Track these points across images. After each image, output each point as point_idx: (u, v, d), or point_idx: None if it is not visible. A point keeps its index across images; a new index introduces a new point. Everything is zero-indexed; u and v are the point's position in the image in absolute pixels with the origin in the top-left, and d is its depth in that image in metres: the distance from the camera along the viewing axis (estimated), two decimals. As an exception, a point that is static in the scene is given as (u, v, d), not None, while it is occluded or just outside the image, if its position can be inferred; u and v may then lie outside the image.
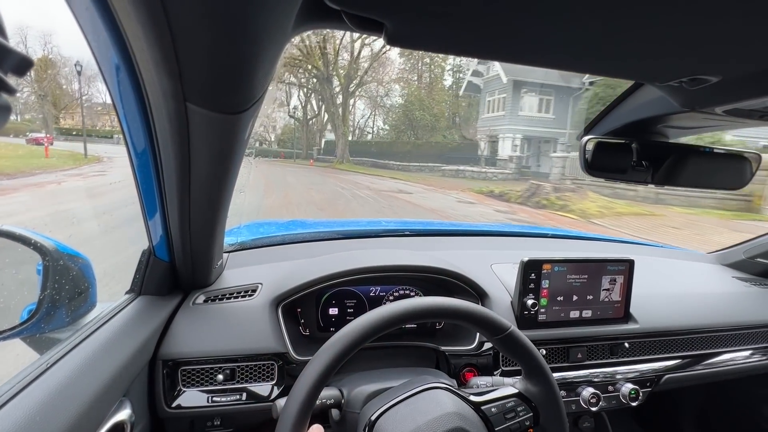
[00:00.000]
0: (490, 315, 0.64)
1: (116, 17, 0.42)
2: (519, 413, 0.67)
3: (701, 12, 0.38)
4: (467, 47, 0.50)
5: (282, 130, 38.66)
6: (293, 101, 32.90)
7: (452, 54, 0.52)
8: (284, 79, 26.74)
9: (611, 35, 0.44)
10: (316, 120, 32.77)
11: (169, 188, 0.65)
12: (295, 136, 35.80)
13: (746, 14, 0.39)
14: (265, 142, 37.65)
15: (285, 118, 36.23)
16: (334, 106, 27.33)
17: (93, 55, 0.51)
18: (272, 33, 0.42)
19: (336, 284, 0.98)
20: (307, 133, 32.98)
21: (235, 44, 0.41)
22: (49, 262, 0.72)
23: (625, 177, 0.83)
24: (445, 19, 0.41)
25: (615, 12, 0.39)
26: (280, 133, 38.69)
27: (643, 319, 1.13)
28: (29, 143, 11.88)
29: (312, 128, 33.92)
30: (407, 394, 0.66)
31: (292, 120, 35.52)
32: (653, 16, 0.39)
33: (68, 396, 0.54)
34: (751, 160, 0.85)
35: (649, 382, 1.12)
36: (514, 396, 0.68)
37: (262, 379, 0.87)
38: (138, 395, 0.76)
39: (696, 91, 0.58)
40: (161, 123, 0.53)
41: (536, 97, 19.38)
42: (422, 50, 0.50)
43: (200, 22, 0.38)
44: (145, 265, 0.84)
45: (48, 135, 12.99)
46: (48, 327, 0.72)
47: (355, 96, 28.52)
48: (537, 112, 19.49)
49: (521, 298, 1.03)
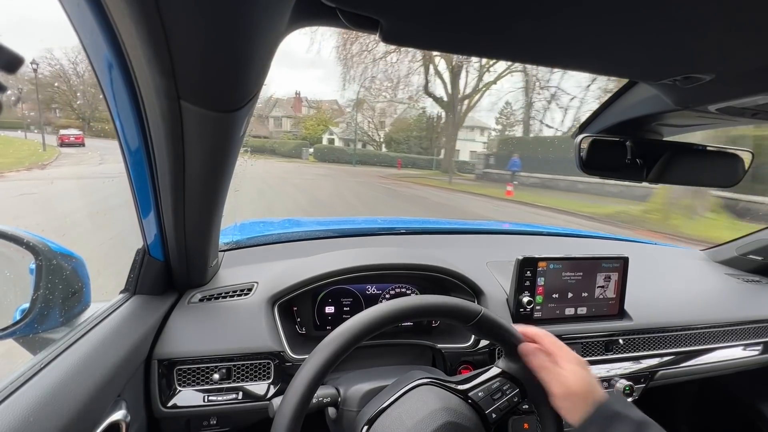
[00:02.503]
0: (460, 303, 0.64)
1: (109, 14, 0.41)
2: (506, 392, 0.68)
3: (695, 11, 0.39)
4: (461, 45, 0.50)
5: (394, 124, 27.07)
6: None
7: (446, 52, 0.53)
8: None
9: (605, 34, 0.44)
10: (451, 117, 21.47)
11: (163, 187, 0.65)
12: (411, 134, 25.30)
13: (739, 13, 0.39)
14: (372, 142, 28.34)
15: (399, 106, 24.83)
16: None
17: (85, 53, 0.50)
18: (267, 30, 0.42)
19: (332, 283, 0.98)
20: (441, 132, 22.64)
21: (228, 42, 0.40)
22: (42, 262, 0.72)
23: (620, 175, 0.84)
24: (440, 16, 0.41)
25: (609, 11, 0.39)
26: (392, 130, 27.21)
27: (638, 316, 1.14)
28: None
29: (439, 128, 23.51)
30: (394, 397, 0.66)
31: (402, 108, 24.09)
32: (647, 15, 0.40)
33: (62, 396, 0.54)
34: (743, 158, 0.86)
35: (643, 378, 1.13)
36: (497, 376, 0.69)
37: (258, 378, 0.87)
38: (133, 395, 0.75)
39: (689, 89, 0.59)
40: (155, 121, 0.52)
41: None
42: (417, 48, 0.50)
43: (193, 20, 0.37)
44: (139, 264, 0.83)
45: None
46: (41, 327, 0.72)
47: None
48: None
49: (517, 296, 1.04)
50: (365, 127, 26.65)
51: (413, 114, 27.14)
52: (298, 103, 39.79)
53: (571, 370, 0.64)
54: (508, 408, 0.67)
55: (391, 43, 0.47)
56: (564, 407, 0.63)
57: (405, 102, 25.74)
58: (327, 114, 36.88)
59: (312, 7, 0.42)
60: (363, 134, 27.01)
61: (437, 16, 0.41)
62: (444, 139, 23.03)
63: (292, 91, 51.76)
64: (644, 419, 0.58)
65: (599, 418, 0.58)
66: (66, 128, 13.63)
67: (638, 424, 0.57)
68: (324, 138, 32.97)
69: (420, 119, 26.60)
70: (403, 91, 23.17)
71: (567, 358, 0.65)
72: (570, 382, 0.63)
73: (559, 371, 0.65)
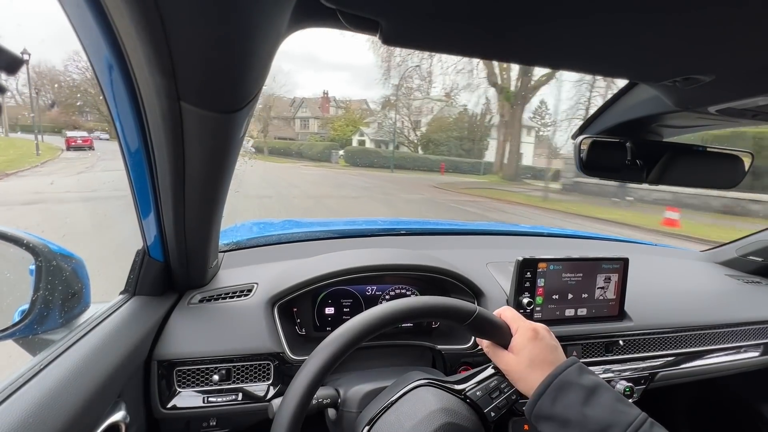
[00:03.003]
0: (455, 303, 0.64)
1: (108, 15, 0.41)
2: (503, 390, 0.67)
3: (695, 12, 0.39)
4: (462, 46, 0.50)
5: (432, 123, 22.33)
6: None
7: (447, 53, 0.53)
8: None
9: (606, 35, 0.44)
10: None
11: (163, 188, 0.65)
12: (451, 134, 20.71)
13: (739, 14, 0.39)
14: (408, 143, 23.88)
15: (437, 104, 20.53)
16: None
17: (85, 53, 0.50)
18: (267, 32, 0.42)
19: (332, 284, 0.98)
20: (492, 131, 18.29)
21: (228, 43, 0.40)
22: (41, 263, 0.72)
23: (620, 176, 0.84)
24: (441, 18, 0.41)
25: (610, 12, 0.39)
26: (430, 130, 22.37)
27: (638, 317, 1.13)
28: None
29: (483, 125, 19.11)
30: (392, 399, 0.66)
31: (440, 106, 19.71)
32: (647, 16, 0.40)
33: (62, 398, 0.54)
34: (743, 159, 0.86)
35: (643, 379, 1.13)
36: (494, 375, 0.69)
37: (258, 379, 0.87)
38: (133, 396, 0.75)
39: (689, 90, 0.59)
40: (155, 122, 0.52)
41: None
42: (418, 49, 0.50)
43: (193, 20, 0.37)
44: (139, 265, 0.83)
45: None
46: (41, 328, 0.72)
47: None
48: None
49: (517, 297, 1.04)
50: (399, 126, 23.23)
51: (453, 112, 23.60)
52: (325, 103, 37.99)
53: (519, 344, 0.63)
54: (506, 406, 0.67)
55: (392, 45, 0.47)
56: (519, 386, 0.63)
57: (443, 99, 22.73)
58: (356, 114, 34.74)
59: (312, 9, 0.42)
60: (398, 134, 23.62)
61: (437, 17, 0.41)
62: (488, 140, 19.62)
63: (319, 92, 48.93)
64: (595, 383, 0.57)
65: (551, 390, 0.57)
66: (74, 130, 13.10)
67: (588, 389, 0.56)
68: (354, 139, 30.56)
69: (461, 117, 23.03)
70: (438, 89, 20.15)
71: (519, 332, 0.64)
72: (509, 360, 0.63)
73: (499, 353, 0.65)
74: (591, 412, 0.54)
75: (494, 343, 0.67)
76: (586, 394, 0.55)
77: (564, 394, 0.56)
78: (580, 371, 0.59)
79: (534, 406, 0.58)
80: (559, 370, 0.59)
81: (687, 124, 0.82)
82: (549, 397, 0.57)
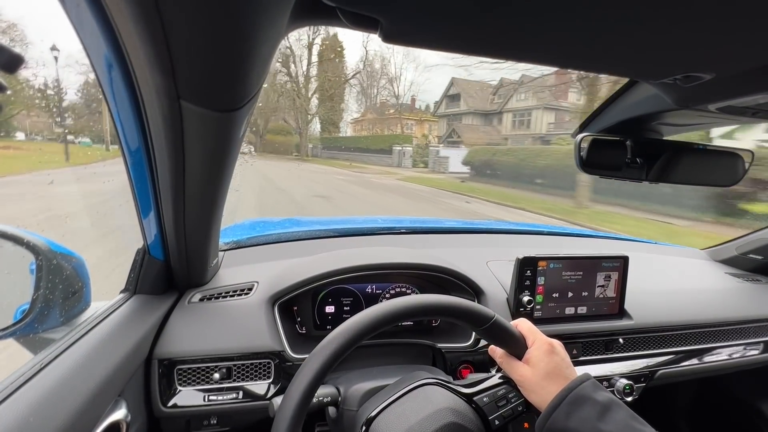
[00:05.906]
0: (475, 306, 0.64)
1: (108, 14, 0.41)
2: (510, 400, 0.67)
3: (695, 9, 0.39)
4: (462, 44, 0.50)
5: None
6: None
7: (448, 51, 0.52)
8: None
9: (606, 33, 0.44)
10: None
11: (163, 186, 0.65)
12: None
13: (739, 12, 0.39)
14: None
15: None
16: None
17: (85, 52, 0.50)
18: (267, 30, 0.42)
19: (332, 282, 0.98)
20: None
21: (228, 41, 0.40)
22: (42, 261, 0.72)
23: (620, 174, 0.84)
24: (441, 15, 0.41)
25: (610, 9, 0.39)
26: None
27: (638, 315, 1.14)
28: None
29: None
30: (399, 393, 0.66)
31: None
32: (647, 14, 0.40)
33: (63, 396, 0.54)
34: (743, 156, 0.86)
35: (643, 377, 1.13)
36: (504, 383, 0.69)
37: (259, 377, 0.87)
38: (133, 395, 0.75)
39: (690, 88, 0.59)
40: (155, 121, 0.52)
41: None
42: (418, 47, 0.50)
43: (193, 19, 0.37)
44: (139, 263, 0.83)
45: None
46: (42, 327, 0.72)
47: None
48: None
49: (517, 295, 1.04)
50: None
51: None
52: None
53: (535, 357, 0.63)
54: (511, 416, 0.67)
55: (392, 43, 0.47)
56: (531, 398, 0.63)
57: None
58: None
59: (312, 7, 0.42)
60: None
61: (438, 15, 0.41)
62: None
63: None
64: (610, 400, 0.57)
65: (565, 403, 0.57)
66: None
67: (603, 405, 0.56)
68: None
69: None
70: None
71: (536, 345, 0.65)
72: (524, 371, 0.63)
73: (513, 364, 0.65)
74: (605, 428, 0.54)
75: (508, 353, 0.67)
76: (601, 410, 0.56)
77: (579, 408, 0.56)
78: (595, 387, 0.59)
79: (547, 420, 0.58)
80: (574, 384, 0.59)
81: (687, 122, 0.82)
82: (563, 411, 0.57)
